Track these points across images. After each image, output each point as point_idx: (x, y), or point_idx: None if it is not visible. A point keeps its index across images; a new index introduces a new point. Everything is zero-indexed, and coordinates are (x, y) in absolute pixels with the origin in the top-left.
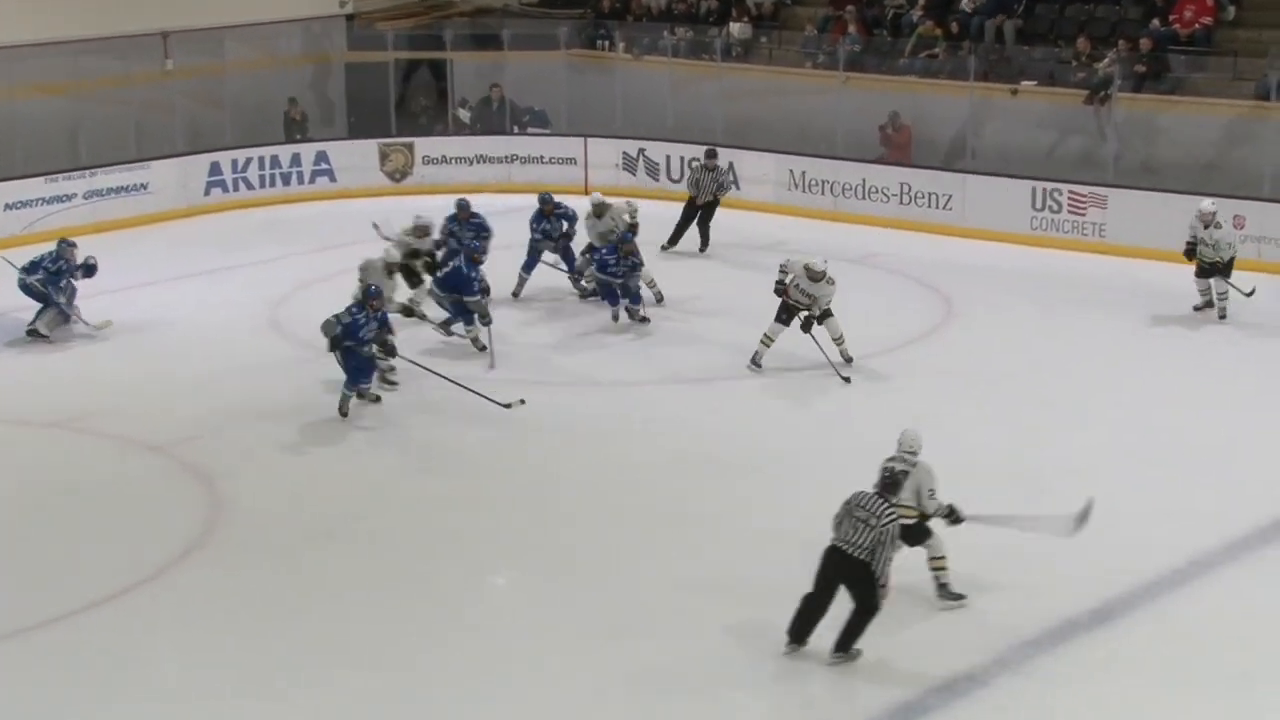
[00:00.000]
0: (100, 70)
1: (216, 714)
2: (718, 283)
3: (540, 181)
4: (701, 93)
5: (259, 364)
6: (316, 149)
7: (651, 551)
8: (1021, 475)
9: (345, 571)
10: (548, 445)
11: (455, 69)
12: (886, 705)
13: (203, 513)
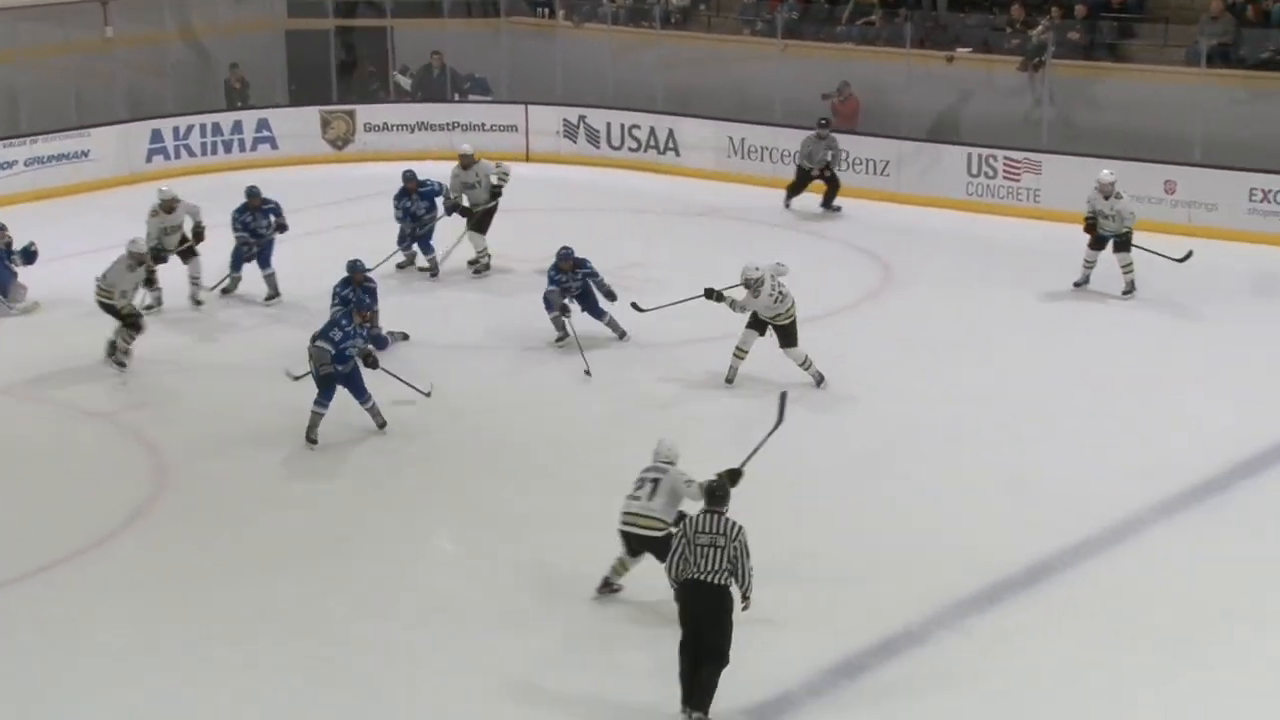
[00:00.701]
0: (40, 37)
1: (155, 678)
2: (660, 245)
3: (480, 149)
4: (641, 60)
5: (205, 329)
6: (258, 116)
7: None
8: (960, 437)
9: (287, 537)
10: (496, 414)
11: (395, 36)
12: (824, 664)
13: (148, 478)
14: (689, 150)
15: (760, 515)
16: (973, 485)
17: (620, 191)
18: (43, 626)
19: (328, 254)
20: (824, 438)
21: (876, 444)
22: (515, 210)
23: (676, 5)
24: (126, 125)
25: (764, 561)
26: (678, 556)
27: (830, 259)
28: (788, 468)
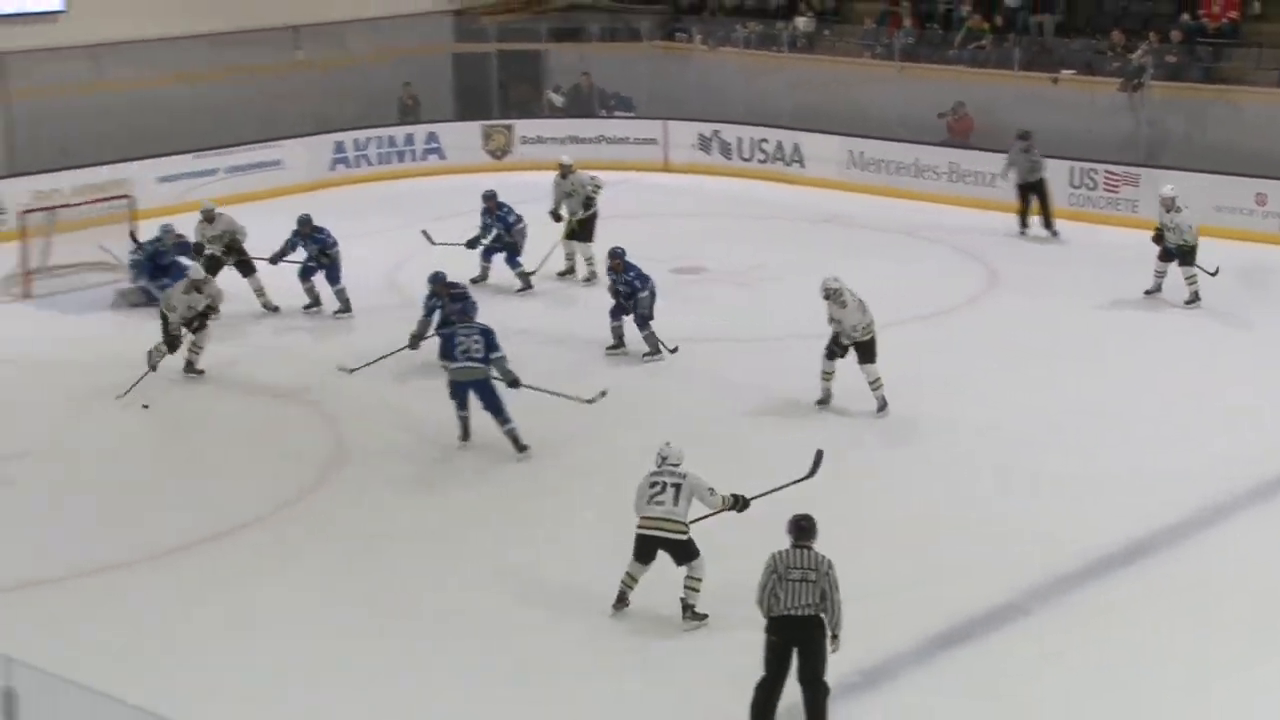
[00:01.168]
0: (240, 60)
1: (332, 628)
2: (783, 248)
3: (623, 159)
4: (770, 81)
5: (381, 320)
6: (428, 130)
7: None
8: (1060, 427)
9: (446, 511)
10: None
11: (549, 58)
12: (929, 633)
13: (329, 453)
14: (813, 161)
15: (876, 487)
16: (1060, 476)
17: (749, 199)
18: (239, 578)
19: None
20: (923, 429)
21: (967, 437)
22: (654, 215)
23: (803, 31)
24: (313, 137)
25: (876, 534)
26: (768, 592)
27: (939, 263)
28: (898, 450)
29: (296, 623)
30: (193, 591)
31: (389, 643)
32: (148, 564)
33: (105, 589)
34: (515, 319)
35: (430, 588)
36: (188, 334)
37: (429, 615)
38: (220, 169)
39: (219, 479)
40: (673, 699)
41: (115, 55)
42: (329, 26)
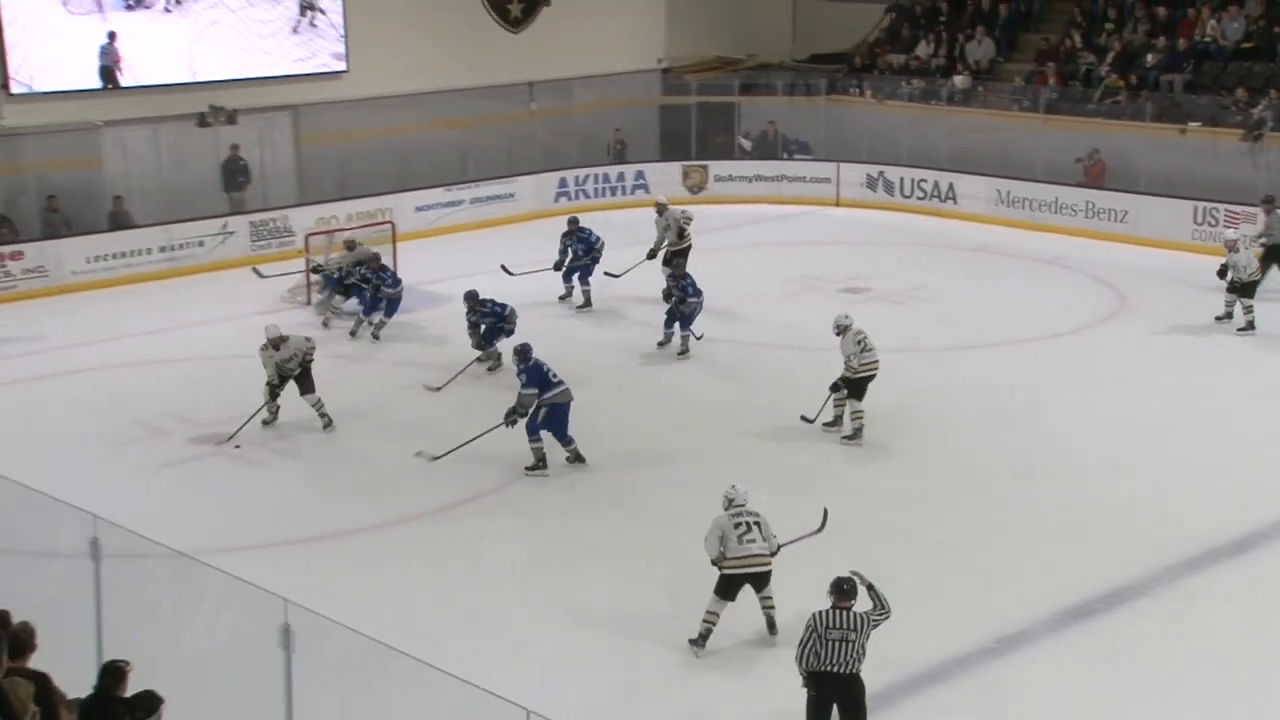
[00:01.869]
0: (485, 110)
1: (540, 589)
2: (938, 272)
3: (801, 196)
4: (929, 129)
5: (599, 324)
6: (636, 168)
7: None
8: (1180, 428)
9: (631, 484)
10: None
11: (740, 109)
12: (1059, 608)
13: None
14: (965, 199)
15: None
16: (1152, 473)
17: (909, 230)
18: (458, 545)
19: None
20: (1051, 428)
21: (1093, 433)
22: (826, 243)
23: (960, 87)
24: (541, 174)
25: (1006, 517)
26: (808, 649)
27: (1074, 288)
28: (1044, 446)
29: (530, 581)
30: (446, 549)
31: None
32: (406, 524)
33: (369, 545)
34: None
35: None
36: (305, 397)
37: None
38: (466, 200)
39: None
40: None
41: (386, 106)
42: (559, 82)
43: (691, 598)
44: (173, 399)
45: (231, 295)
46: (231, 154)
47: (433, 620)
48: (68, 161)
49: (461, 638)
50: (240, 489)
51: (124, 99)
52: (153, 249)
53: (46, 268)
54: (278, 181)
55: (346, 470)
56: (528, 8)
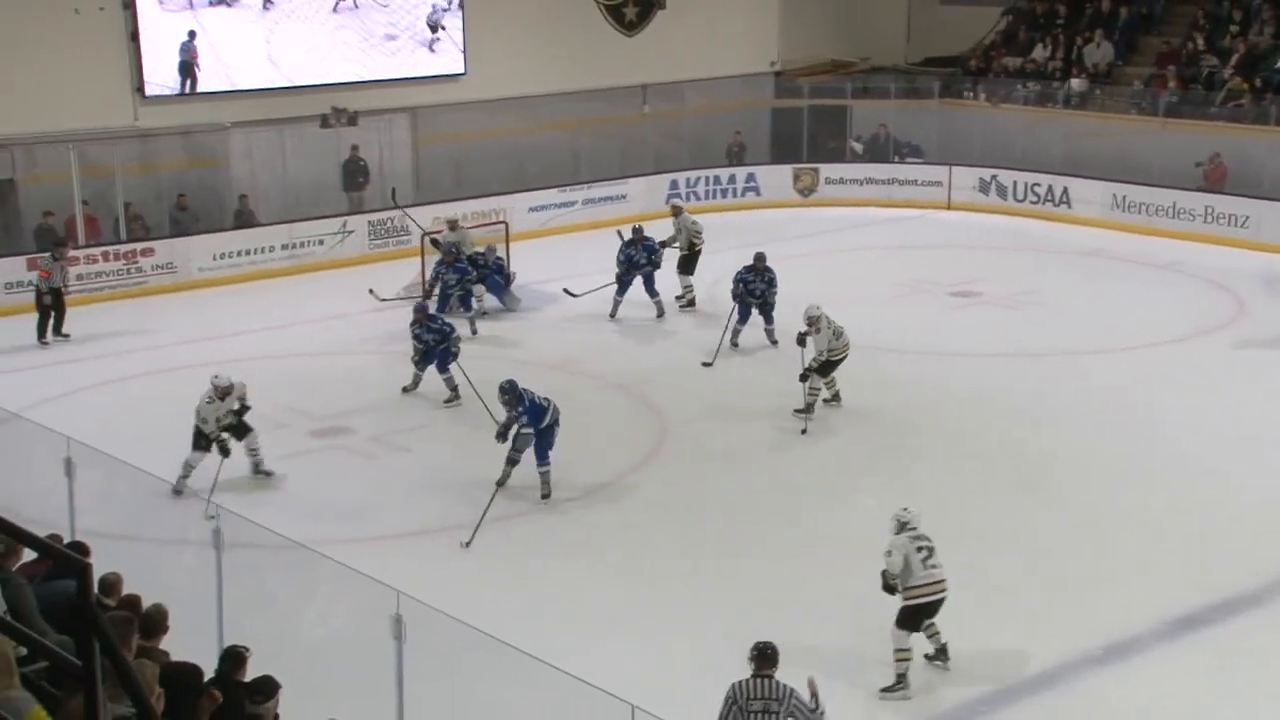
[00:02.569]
0: (597, 112)
1: (652, 582)
2: (1051, 276)
3: (912, 199)
4: (1044, 132)
5: (695, 323)
6: (747, 170)
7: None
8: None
9: (748, 480)
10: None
11: (853, 112)
12: (1167, 617)
13: (655, 433)
14: (1079, 204)
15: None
16: (1263, 483)
17: (1021, 234)
18: (580, 538)
19: (794, 278)
20: (1156, 429)
21: (1178, 445)
22: (937, 246)
23: (1076, 90)
24: (653, 176)
25: (1115, 524)
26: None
27: (1193, 294)
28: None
29: (636, 573)
30: (556, 543)
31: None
32: (519, 520)
33: (481, 539)
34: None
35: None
36: (236, 442)
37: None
38: (578, 201)
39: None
40: None
41: (502, 109)
42: (671, 85)
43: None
44: (293, 393)
45: (350, 292)
46: (352, 154)
47: (543, 615)
48: (196, 161)
49: (571, 633)
50: (357, 482)
51: (251, 101)
52: (275, 247)
53: (175, 264)
54: (396, 181)
55: (461, 465)
56: (642, 11)
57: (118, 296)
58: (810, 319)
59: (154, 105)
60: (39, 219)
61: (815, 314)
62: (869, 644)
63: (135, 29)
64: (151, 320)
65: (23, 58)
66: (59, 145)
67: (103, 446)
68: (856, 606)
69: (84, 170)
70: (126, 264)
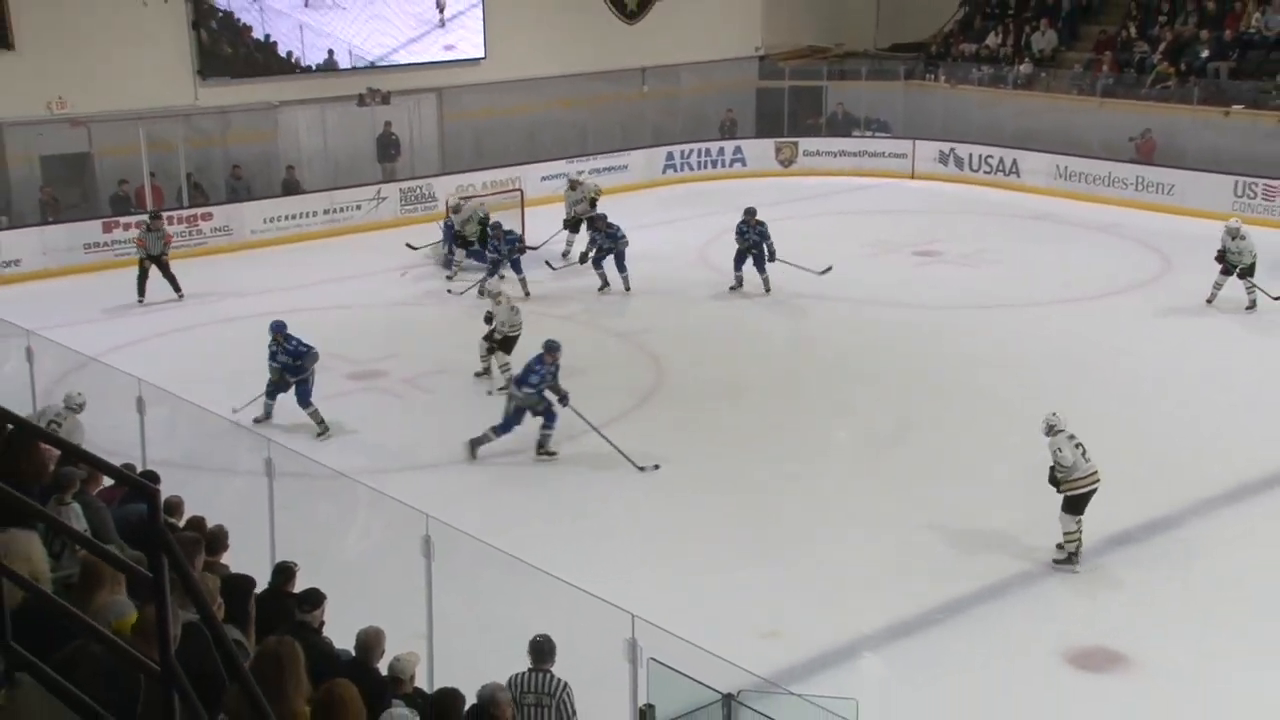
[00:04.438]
0: (602, 91)
1: (660, 510)
2: (1002, 238)
3: (880, 169)
4: (996, 111)
5: (691, 282)
6: (735, 144)
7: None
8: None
9: (743, 419)
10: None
11: (828, 92)
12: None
13: (652, 378)
14: (1028, 174)
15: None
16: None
17: (977, 201)
18: (588, 466)
19: (775, 239)
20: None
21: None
22: (902, 212)
23: (1023, 73)
24: (650, 149)
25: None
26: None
27: (1123, 253)
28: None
29: (645, 503)
30: (568, 474)
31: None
32: (531, 453)
33: (499, 470)
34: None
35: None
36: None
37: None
38: (585, 171)
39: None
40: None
41: (517, 88)
42: (668, 68)
43: (755, 510)
44: (334, 340)
45: (384, 252)
46: (385, 130)
47: (560, 537)
48: (249, 136)
49: (584, 554)
50: (391, 419)
51: (296, 82)
52: (318, 211)
53: (230, 227)
54: (424, 154)
55: (478, 406)
56: (642, 2)
57: (181, 256)
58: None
59: (212, 86)
60: (114, 188)
61: (495, 289)
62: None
63: (196, 18)
64: (210, 276)
65: (97, 46)
66: (129, 123)
67: (169, 387)
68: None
69: (150, 145)
70: (188, 227)
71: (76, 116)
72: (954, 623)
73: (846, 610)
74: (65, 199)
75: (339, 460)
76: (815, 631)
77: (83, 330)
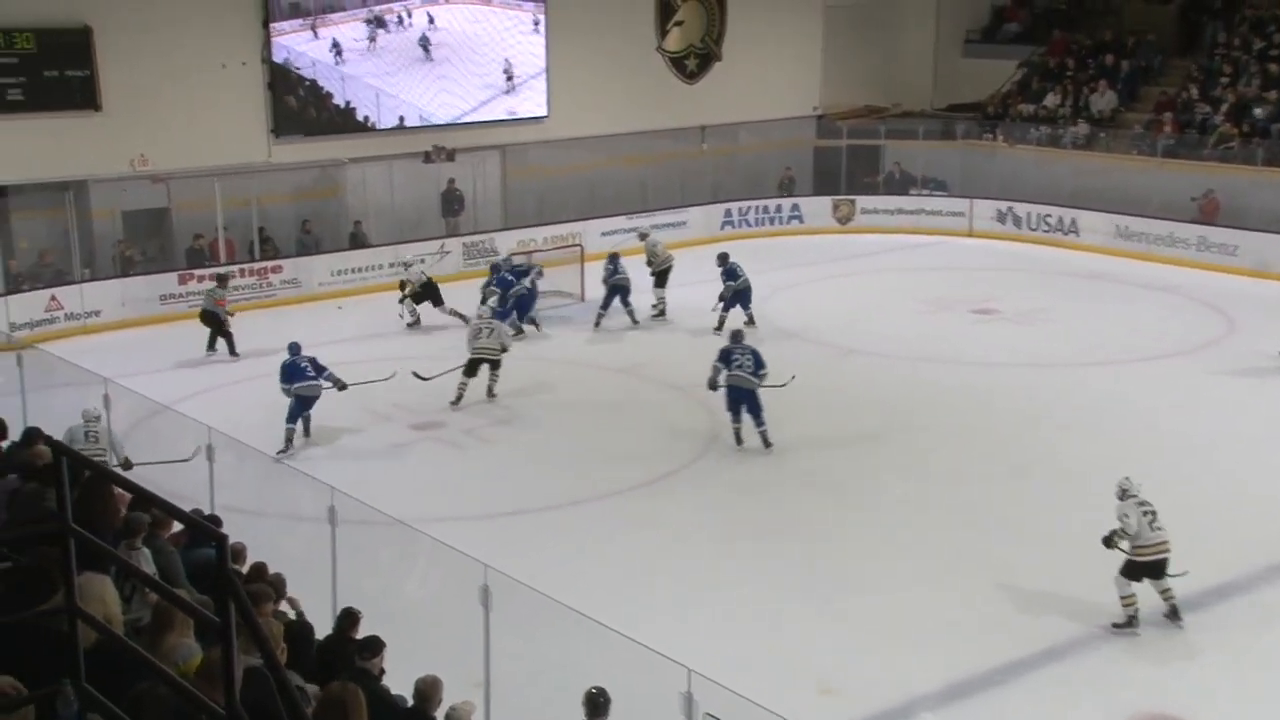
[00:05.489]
0: (662, 149)
1: (710, 560)
2: (1060, 296)
3: (937, 228)
4: (1055, 170)
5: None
6: (792, 201)
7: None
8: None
9: (802, 471)
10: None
11: (885, 151)
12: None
13: (707, 428)
14: (1086, 232)
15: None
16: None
17: (1035, 259)
18: (648, 517)
19: (832, 296)
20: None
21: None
22: (959, 269)
23: (1082, 134)
24: (709, 205)
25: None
26: None
27: (1182, 313)
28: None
29: (703, 552)
30: (626, 524)
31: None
32: (593, 503)
33: (560, 520)
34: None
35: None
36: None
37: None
38: (644, 227)
39: (639, 445)
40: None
41: (579, 146)
42: (726, 126)
43: (830, 571)
44: (397, 390)
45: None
46: (449, 186)
47: (618, 587)
48: (318, 191)
49: (642, 605)
50: (451, 469)
51: (364, 139)
52: (383, 264)
53: (299, 280)
54: (487, 209)
55: (538, 456)
56: (702, 62)
57: (251, 307)
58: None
59: (285, 144)
60: (190, 241)
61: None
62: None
63: (272, 80)
64: (277, 328)
65: (177, 106)
66: (205, 179)
67: (237, 434)
68: (911, 580)
69: (225, 200)
70: (259, 279)
71: (157, 173)
72: (1016, 684)
73: (906, 668)
74: (146, 252)
75: (400, 508)
76: (874, 688)
77: (157, 378)
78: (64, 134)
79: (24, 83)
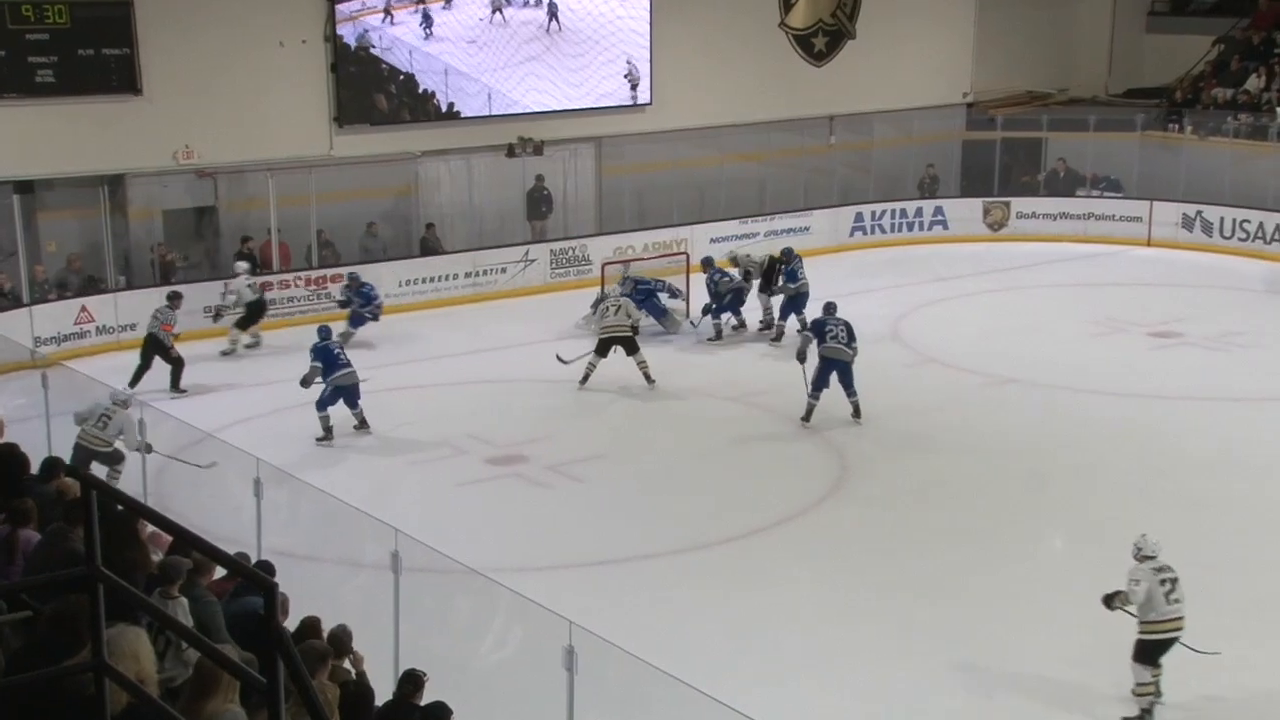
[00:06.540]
0: (784, 144)
1: (835, 620)
2: (1260, 318)
3: (1108, 235)
4: (1258, 166)
5: (882, 362)
6: (935, 204)
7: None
8: None
9: (932, 517)
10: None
11: (1048, 145)
12: None
13: (836, 469)
14: None
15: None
16: None
17: (1224, 272)
18: (759, 570)
19: (982, 315)
20: None
21: None
22: (1135, 285)
23: None
24: (837, 209)
25: None
26: None
27: None
28: None
29: (819, 613)
30: (733, 578)
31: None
32: (696, 552)
33: (657, 571)
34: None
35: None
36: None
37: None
38: (760, 232)
39: (750, 488)
40: None
41: (686, 139)
42: (859, 116)
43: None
44: (473, 420)
45: (530, 321)
46: (536, 184)
47: (716, 649)
48: (386, 189)
49: (746, 670)
50: (532, 510)
51: (439, 130)
52: (459, 274)
53: None
54: (578, 211)
55: (636, 497)
56: (831, 41)
57: (305, 321)
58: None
59: (348, 134)
60: (237, 245)
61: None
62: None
63: (335, 60)
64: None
65: (227, 89)
66: (257, 174)
67: (289, 468)
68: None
69: (280, 198)
70: (315, 289)
71: (203, 167)
72: None
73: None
74: (189, 257)
75: (473, 555)
76: None
77: (198, 401)
78: (99, 121)
79: (55, 63)
